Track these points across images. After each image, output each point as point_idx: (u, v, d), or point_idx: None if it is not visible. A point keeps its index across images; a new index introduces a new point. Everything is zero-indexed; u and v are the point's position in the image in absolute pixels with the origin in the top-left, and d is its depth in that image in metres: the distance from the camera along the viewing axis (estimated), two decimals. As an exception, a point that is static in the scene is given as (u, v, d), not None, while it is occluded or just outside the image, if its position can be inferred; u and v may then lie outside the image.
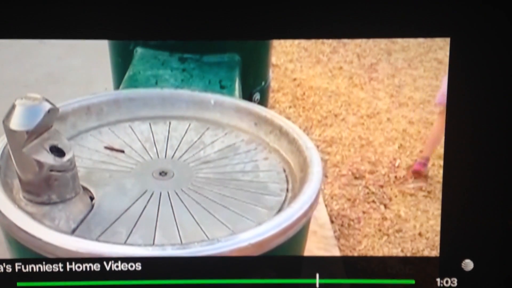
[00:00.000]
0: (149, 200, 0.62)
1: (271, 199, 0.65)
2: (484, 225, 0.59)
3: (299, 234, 0.58)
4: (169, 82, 0.88)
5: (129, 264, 0.49)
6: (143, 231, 0.57)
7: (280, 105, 2.32)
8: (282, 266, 0.55)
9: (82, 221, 0.57)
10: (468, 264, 0.60)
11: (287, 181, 0.68)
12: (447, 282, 0.60)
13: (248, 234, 0.52)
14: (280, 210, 0.63)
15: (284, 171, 0.70)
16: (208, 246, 0.50)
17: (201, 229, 0.58)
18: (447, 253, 0.59)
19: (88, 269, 0.49)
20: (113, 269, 0.49)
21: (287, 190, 0.67)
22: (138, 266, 0.49)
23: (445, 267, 0.59)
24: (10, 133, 0.52)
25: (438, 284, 0.60)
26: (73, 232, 0.56)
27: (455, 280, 0.60)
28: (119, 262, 0.49)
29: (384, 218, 1.80)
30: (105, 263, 0.49)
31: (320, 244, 1.71)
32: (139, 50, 0.95)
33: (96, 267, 0.49)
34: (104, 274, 0.50)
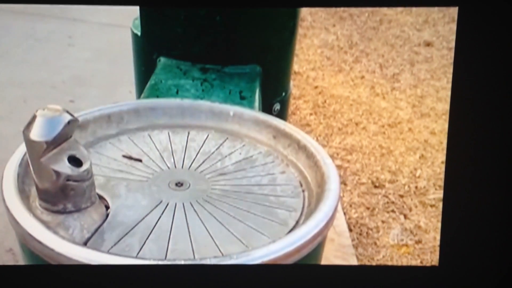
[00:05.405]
0: (163, 211, 0.62)
1: (287, 214, 0.64)
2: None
3: (314, 252, 0.57)
4: (190, 92, 0.89)
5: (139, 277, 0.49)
6: (156, 243, 0.57)
7: (301, 112, 2.31)
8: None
9: (96, 230, 0.58)
10: None
11: (304, 196, 0.68)
12: None
13: (261, 252, 0.51)
14: (295, 226, 0.62)
15: (301, 185, 0.70)
16: (221, 263, 0.49)
17: (215, 243, 0.58)
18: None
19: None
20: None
21: (303, 205, 0.66)
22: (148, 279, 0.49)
23: None
24: (29, 143, 0.53)
25: None
26: (86, 241, 0.56)
27: None
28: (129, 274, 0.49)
29: (404, 229, 1.78)
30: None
31: (337, 252, 1.70)
32: (162, 60, 0.96)
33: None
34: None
